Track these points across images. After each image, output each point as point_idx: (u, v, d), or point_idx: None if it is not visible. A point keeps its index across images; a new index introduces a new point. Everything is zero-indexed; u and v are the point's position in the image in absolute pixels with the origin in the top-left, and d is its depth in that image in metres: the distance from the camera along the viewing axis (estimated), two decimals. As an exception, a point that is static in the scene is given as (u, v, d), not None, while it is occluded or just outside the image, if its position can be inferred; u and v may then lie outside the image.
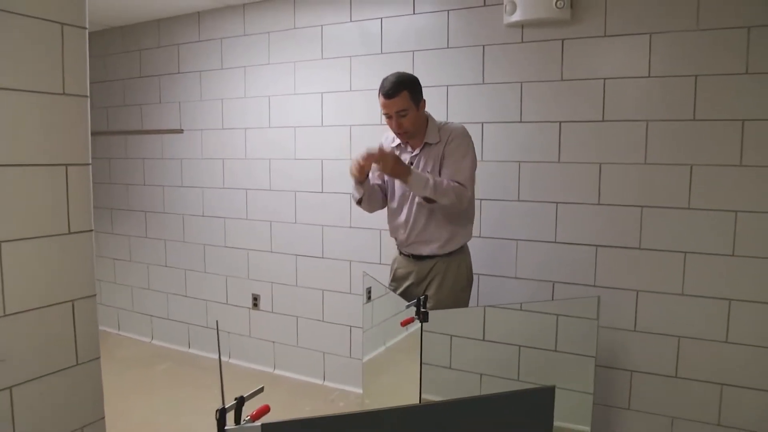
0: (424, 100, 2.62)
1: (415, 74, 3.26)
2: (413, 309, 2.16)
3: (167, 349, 4.60)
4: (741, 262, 2.69)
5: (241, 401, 1.29)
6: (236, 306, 4.23)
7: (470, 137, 2.64)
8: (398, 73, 2.59)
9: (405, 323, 2.21)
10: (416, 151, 2.65)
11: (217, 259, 4.30)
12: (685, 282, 2.81)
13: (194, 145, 4.31)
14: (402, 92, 2.50)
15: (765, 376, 2.68)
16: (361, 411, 1.30)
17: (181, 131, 4.36)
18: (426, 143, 2.63)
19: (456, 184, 2.51)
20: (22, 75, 1.56)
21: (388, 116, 2.56)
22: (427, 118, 2.67)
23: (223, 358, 4.30)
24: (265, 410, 1.36)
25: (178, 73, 4.33)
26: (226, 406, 1.24)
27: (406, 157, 2.67)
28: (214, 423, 1.21)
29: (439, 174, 2.59)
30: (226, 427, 1.16)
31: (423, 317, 2.13)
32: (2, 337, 1.54)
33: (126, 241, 4.82)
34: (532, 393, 1.48)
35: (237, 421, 1.25)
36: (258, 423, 1.19)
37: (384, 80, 2.56)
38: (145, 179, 4.64)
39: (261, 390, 1.39)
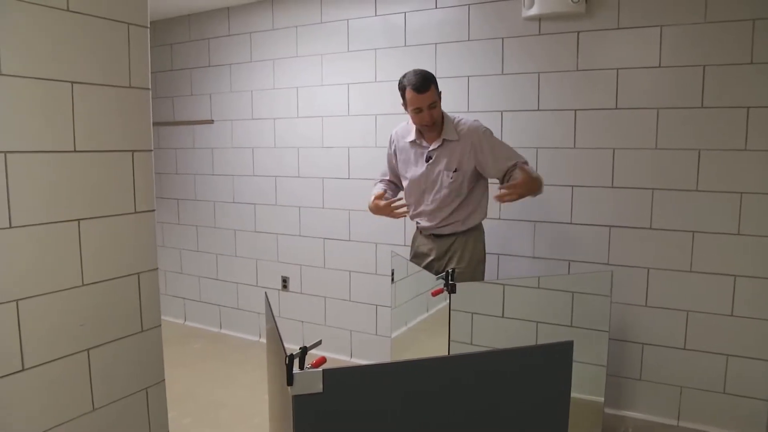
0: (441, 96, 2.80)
1: (438, 66, 3.47)
2: (442, 281, 2.35)
3: (199, 329, 4.83)
4: (745, 241, 2.85)
5: (304, 350, 1.48)
6: (266, 288, 4.43)
7: (485, 126, 2.82)
8: (419, 69, 2.75)
9: (435, 293, 2.40)
10: (433, 146, 2.81)
11: (248, 244, 4.51)
12: (693, 259, 2.97)
13: (224, 134, 4.52)
14: (431, 86, 2.69)
15: (766, 347, 2.85)
16: (399, 360, 1.50)
17: (211, 122, 4.56)
18: (445, 140, 2.80)
19: (521, 163, 2.74)
20: (97, 70, 1.74)
21: (419, 110, 2.72)
22: (443, 113, 2.84)
23: (254, 338, 4.52)
24: (323, 361, 1.56)
25: (209, 66, 4.53)
26: (294, 353, 1.41)
27: (422, 151, 2.86)
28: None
29: (471, 176, 2.79)
30: (293, 372, 1.35)
31: (451, 288, 2.32)
32: (82, 304, 1.73)
33: (159, 228, 5.03)
34: (553, 347, 1.61)
35: (300, 367, 1.44)
36: (319, 369, 1.38)
37: (408, 77, 2.72)
38: (177, 168, 4.85)
39: (319, 342, 1.58)
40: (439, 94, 2.76)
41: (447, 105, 2.91)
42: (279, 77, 4.17)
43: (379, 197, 2.88)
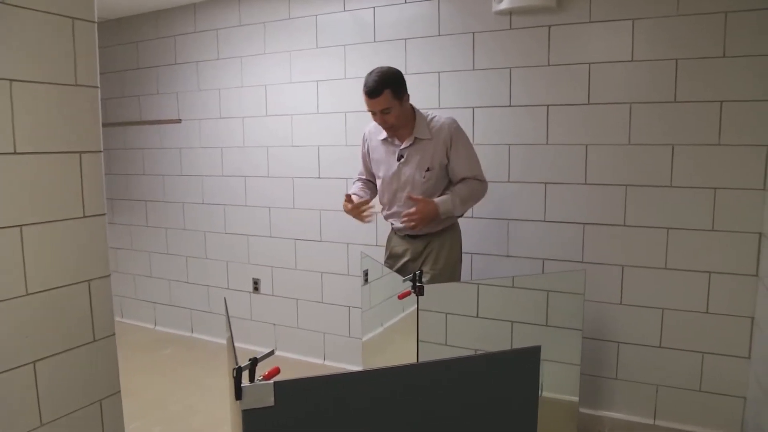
0: (407, 95, 2.70)
1: (408, 61, 3.39)
2: (410, 283, 2.28)
3: (170, 334, 4.72)
4: (720, 237, 2.82)
5: (254, 361, 1.41)
6: (237, 290, 4.35)
7: (461, 126, 2.75)
8: (381, 69, 2.64)
9: (402, 296, 2.33)
10: (405, 144, 2.74)
11: (218, 246, 4.41)
12: (668, 256, 2.94)
13: (193, 134, 4.41)
14: (384, 92, 2.57)
15: (742, 343, 2.83)
16: (364, 370, 1.42)
17: (179, 121, 4.45)
18: (417, 138, 2.72)
19: (473, 180, 2.70)
20: (39, 68, 1.64)
21: (373, 113, 2.66)
22: (414, 111, 2.76)
23: (224, 342, 4.41)
24: (276, 372, 1.48)
25: (175, 63, 4.42)
26: (242, 365, 1.34)
27: (394, 150, 2.78)
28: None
29: (445, 173, 2.73)
30: (242, 384, 1.27)
31: (419, 291, 2.25)
32: (26, 315, 1.64)
33: (127, 231, 4.92)
34: (520, 352, 1.58)
35: (251, 379, 1.36)
36: (271, 381, 1.30)
37: (367, 77, 2.62)
38: (144, 169, 4.73)
39: (272, 353, 1.50)
40: (402, 96, 2.65)
41: (418, 101, 2.85)
42: (247, 75, 4.08)
43: (348, 199, 2.78)
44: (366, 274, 2.98)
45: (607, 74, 2.98)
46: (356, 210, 2.77)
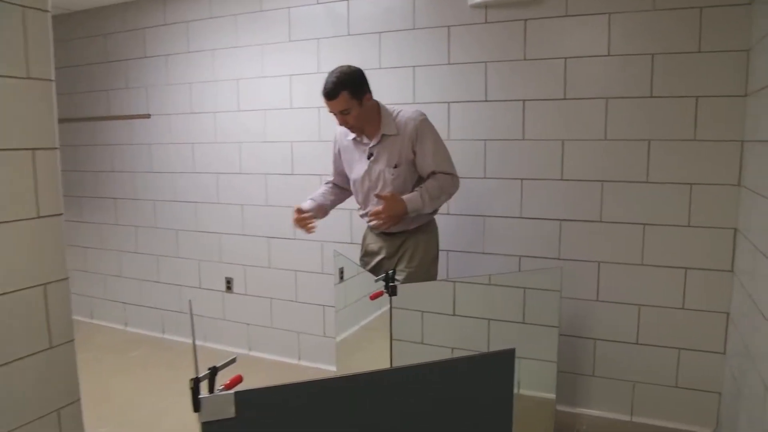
0: (370, 93, 2.64)
1: (382, 55, 3.33)
2: (382, 283, 2.22)
3: (141, 335, 4.61)
4: (696, 232, 2.81)
5: (214, 371, 1.34)
6: (210, 290, 4.26)
7: (428, 120, 2.69)
8: (339, 70, 2.58)
9: (374, 297, 2.27)
10: (373, 142, 2.69)
11: (189, 244, 4.31)
12: (644, 252, 2.92)
13: (163, 129, 4.30)
14: (341, 93, 2.53)
15: (717, 339, 2.82)
16: (329, 377, 1.36)
17: (148, 116, 4.34)
18: (384, 135, 2.67)
19: (441, 175, 2.63)
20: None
21: (334, 114, 2.62)
22: (379, 108, 2.70)
23: (197, 342, 4.31)
24: (238, 380, 1.42)
25: (145, 57, 4.30)
26: (200, 376, 1.28)
27: (364, 149, 2.73)
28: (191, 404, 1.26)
29: (415, 168, 2.67)
30: (200, 396, 1.20)
31: (392, 291, 2.19)
32: (-24, 321, 1.55)
33: (97, 229, 4.79)
34: (494, 355, 1.54)
35: (211, 390, 1.30)
36: (231, 391, 1.24)
37: (326, 78, 2.57)
38: (114, 166, 4.61)
39: (233, 360, 1.44)
40: (362, 96, 2.58)
41: (392, 96, 2.80)
42: (218, 69, 3.98)
43: (297, 211, 2.78)
44: (341, 272, 2.92)
45: (584, 69, 2.95)
46: (301, 222, 2.76)
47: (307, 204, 2.87)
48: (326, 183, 3.05)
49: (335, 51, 3.54)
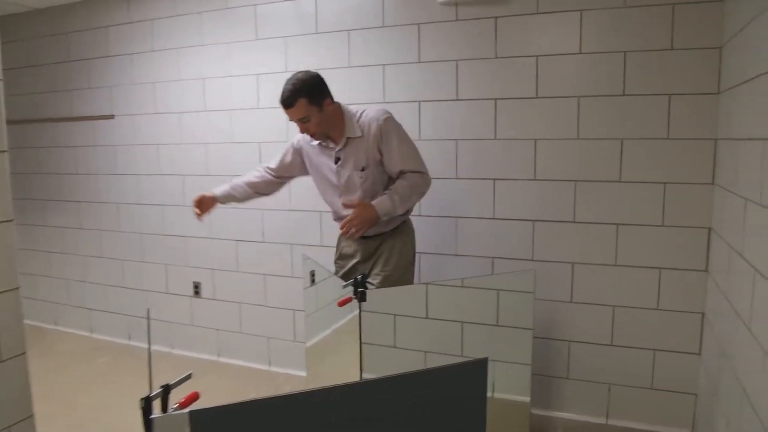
0: (330, 98, 2.55)
1: (351, 54, 3.25)
2: (351, 289, 2.14)
3: (107, 342, 4.47)
4: (670, 232, 2.78)
5: (167, 389, 1.26)
6: (177, 295, 4.14)
7: (393, 118, 2.61)
8: (295, 77, 2.51)
9: (342, 303, 2.19)
10: (339, 146, 2.62)
11: (156, 248, 4.19)
12: (618, 253, 2.88)
13: (127, 131, 4.17)
14: (299, 101, 2.46)
15: (692, 340, 2.80)
16: (294, 392, 1.28)
17: (112, 117, 4.21)
18: (348, 138, 2.59)
19: (410, 173, 2.55)
20: None
21: (293, 122, 2.55)
22: (342, 111, 2.62)
23: (165, 349, 4.21)
24: (194, 397, 1.33)
25: (108, 56, 4.17)
26: (151, 395, 1.19)
27: (331, 153, 2.66)
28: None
29: (384, 169, 2.60)
30: (152, 416, 1.12)
31: (361, 296, 2.11)
32: None
33: (61, 233, 4.64)
34: (466, 365, 1.49)
35: (164, 409, 1.21)
36: (186, 410, 1.15)
37: (283, 86, 2.51)
38: (77, 168, 4.47)
39: (189, 377, 1.35)
40: (321, 102, 2.50)
41: (361, 95, 2.72)
42: (184, 68, 3.87)
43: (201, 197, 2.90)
44: (312, 274, 2.84)
45: (555, 67, 2.90)
46: (198, 204, 2.89)
47: (218, 191, 2.93)
48: (266, 169, 2.95)
49: (303, 49, 3.45)
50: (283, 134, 3.54)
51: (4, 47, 4.02)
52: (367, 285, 2.70)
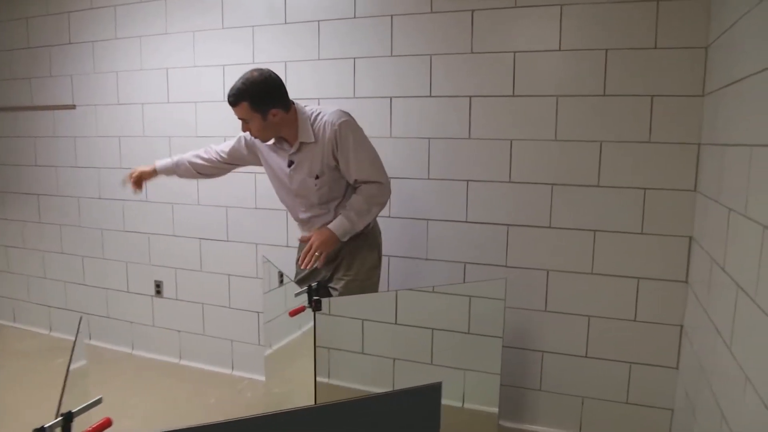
0: (279, 108, 2.37)
1: (321, 46, 3.10)
2: (305, 297, 2.00)
3: (66, 340, 4.28)
4: (649, 240, 2.65)
5: (68, 417, 1.10)
6: (138, 294, 3.96)
7: (351, 120, 2.43)
8: (246, 76, 2.35)
9: (294, 313, 2.04)
10: (293, 150, 2.47)
11: (116, 245, 4.01)
12: (594, 261, 2.75)
13: (88, 121, 3.98)
14: (241, 103, 2.33)
15: (670, 353, 2.67)
16: (235, 419, 1.13)
17: (73, 107, 4.01)
18: (302, 143, 2.44)
19: (366, 185, 2.41)
20: None
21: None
22: (297, 112, 2.45)
23: (126, 350, 4.04)
24: (106, 424, 1.17)
25: (70, 43, 3.97)
26: (46, 426, 1.03)
27: (284, 155, 2.51)
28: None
29: (340, 174, 2.47)
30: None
31: (315, 305, 1.96)
32: None
33: (19, 227, 4.44)
34: (419, 391, 1.37)
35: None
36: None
37: (236, 80, 2.38)
38: (37, 159, 4.27)
39: (99, 401, 1.19)
40: (265, 110, 2.34)
41: (330, 90, 2.55)
42: (147, 57, 3.68)
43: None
44: (281, 276, 2.70)
45: (534, 64, 2.76)
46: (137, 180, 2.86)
47: (160, 164, 2.90)
48: (217, 152, 2.81)
49: (271, 40, 3.28)
50: (249, 128, 3.37)
51: (-43, 30, 3.81)
52: (330, 290, 2.57)
